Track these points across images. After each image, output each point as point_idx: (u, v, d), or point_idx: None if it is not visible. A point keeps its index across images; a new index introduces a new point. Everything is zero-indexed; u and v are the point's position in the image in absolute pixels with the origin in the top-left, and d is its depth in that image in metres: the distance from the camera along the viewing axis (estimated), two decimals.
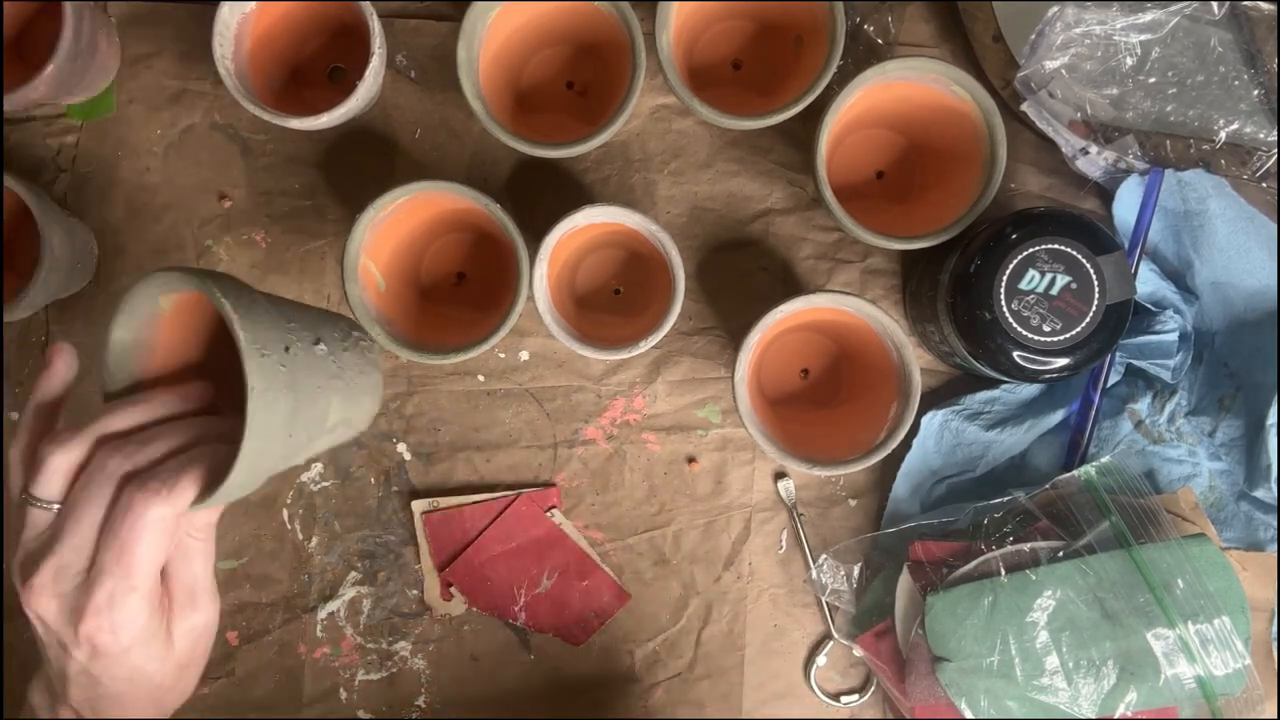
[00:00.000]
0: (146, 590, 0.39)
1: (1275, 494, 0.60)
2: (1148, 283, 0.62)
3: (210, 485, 0.38)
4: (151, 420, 0.42)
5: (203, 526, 0.41)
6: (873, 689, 0.65)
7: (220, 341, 0.45)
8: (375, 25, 0.56)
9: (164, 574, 0.42)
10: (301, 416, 0.40)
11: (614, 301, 0.65)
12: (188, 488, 0.38)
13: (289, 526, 0.64)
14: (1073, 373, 0.56)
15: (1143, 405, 0.63)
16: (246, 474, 0.38)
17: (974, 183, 0.58)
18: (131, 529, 0.38)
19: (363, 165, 0.65)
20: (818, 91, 0.56)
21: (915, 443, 0.63)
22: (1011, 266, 0.54)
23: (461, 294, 0.64)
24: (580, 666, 0.65)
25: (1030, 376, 0.56)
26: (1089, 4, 0.57)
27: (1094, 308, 0.54)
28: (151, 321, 0.43)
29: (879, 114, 0.62)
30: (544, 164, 0.65)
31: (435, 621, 0.65)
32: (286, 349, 0.40)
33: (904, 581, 0.59)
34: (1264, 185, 0.59)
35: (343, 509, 0.65)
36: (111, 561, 0.38)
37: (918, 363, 0.56)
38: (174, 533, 0.39)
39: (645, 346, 0.57)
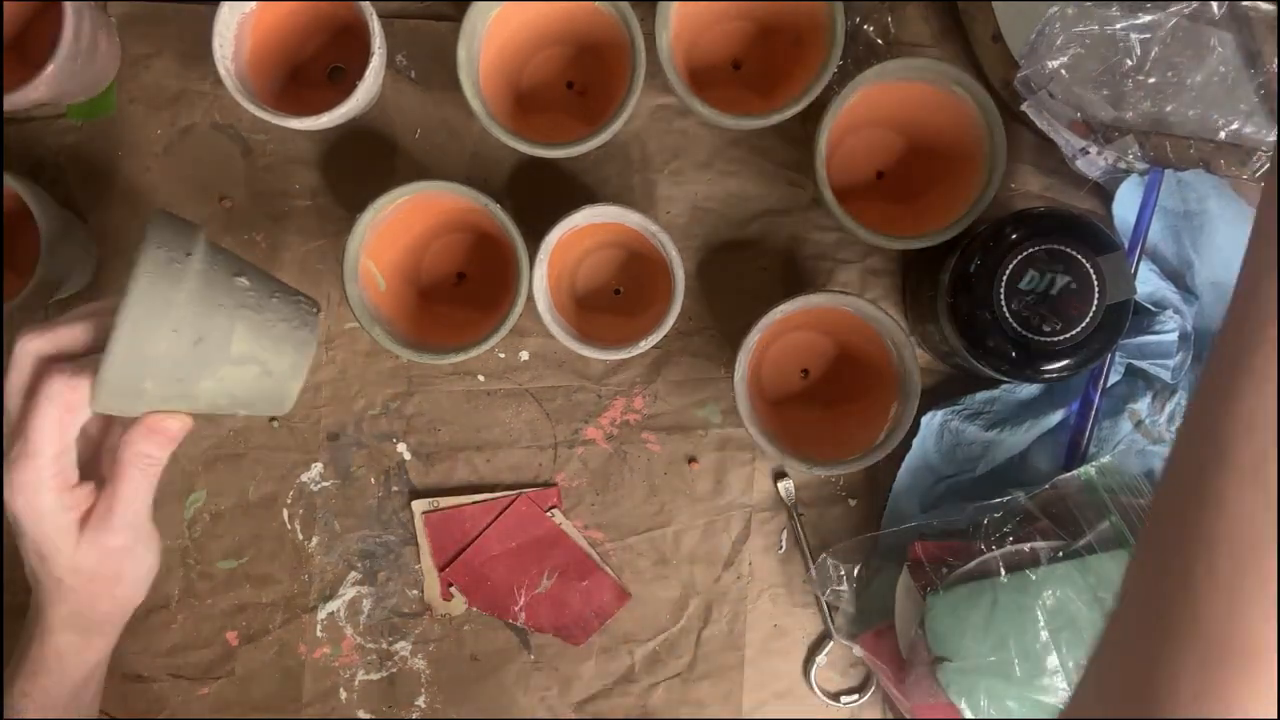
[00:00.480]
0: (45, 462, 0.43)
1: None
2: (1148, 283, 0.62)
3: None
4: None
5: (138, 453, 0.45)
6: (873, 689, 0.65)
7: None
8: (375, 25, 0.56)
9: (104, 488, 0.46)
10: (192, 320, 0.43)
11: (614, 301, 0.65)
12: (87, 371, 0.43)
13: (289, 526, 0.64)
14: (1073, 373, 0.56)
15: (1143, 405, 0.63)
16: (126, 352, 0.41)
17: (974, 183, 0.58)
18: (34, 397, 0.43)
19: (363, 165, 0.65)
20: (818, 91, 0.56)
21: (915, 443, 0.63)
22: (1011, 266, 0.54)
23: (461, 294, 0.64)
24: (580, 666, 0.65)
25: (1030, 376, 0.56)
26: (1089, 4, 0.57)
27: (1094, 308, 0.54)
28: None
29: (879, 114, 0.62)
30: (544, 164, 0.65)
31: (435, 621, 0.65)
32: (188, 254, 0.43)
33: (904, 581, 0.59)
34: (1264, 185, 0.59)
35: (343, 509, 0.65)
36: (19, 424, 0.43)
37: (918, 363, 0.56)
38: (73, 411, 0.43)
39: (645, 346, 0.57)
